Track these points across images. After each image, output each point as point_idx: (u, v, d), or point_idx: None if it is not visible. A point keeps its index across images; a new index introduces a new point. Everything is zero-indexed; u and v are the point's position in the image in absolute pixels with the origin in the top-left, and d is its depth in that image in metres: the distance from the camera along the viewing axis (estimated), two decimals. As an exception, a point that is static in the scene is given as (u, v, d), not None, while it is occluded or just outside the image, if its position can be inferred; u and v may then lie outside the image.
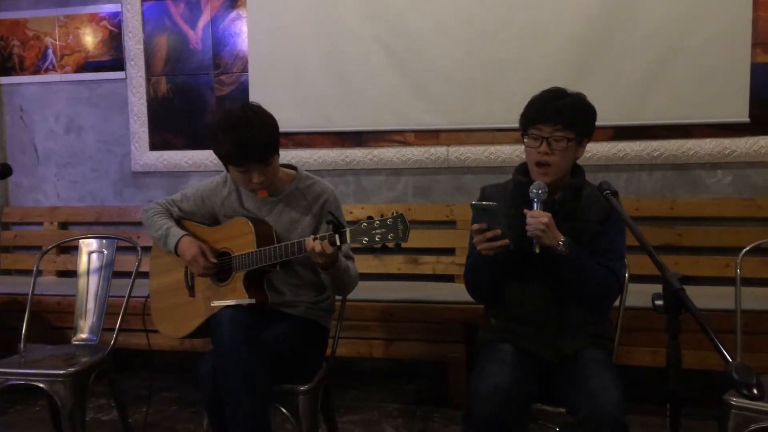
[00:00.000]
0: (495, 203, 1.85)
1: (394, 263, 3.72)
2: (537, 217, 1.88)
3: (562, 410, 1.90)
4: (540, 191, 1.91)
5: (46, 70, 4.17)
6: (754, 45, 3.29)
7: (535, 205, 1.91)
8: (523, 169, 2.09)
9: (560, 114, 1.95)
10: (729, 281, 3.17)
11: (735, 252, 2.35)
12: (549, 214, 1.89)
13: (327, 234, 1.99)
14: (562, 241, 1.89)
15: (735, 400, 1.94)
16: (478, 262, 1.98)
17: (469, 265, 2.09)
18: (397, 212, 1.90)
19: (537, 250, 1.89)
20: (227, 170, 2.23)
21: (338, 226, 1.97)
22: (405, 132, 3.73)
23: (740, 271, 2.26)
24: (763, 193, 3.35)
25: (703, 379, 2.58)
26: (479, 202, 1.87)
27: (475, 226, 1.87)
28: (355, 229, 1.95)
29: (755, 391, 1.19)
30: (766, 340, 2.75)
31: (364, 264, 2.35)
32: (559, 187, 2.02)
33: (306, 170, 2.40)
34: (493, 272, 2.00)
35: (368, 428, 3.05)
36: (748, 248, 2.31)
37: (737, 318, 2.22)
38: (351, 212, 3.64)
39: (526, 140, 2.01)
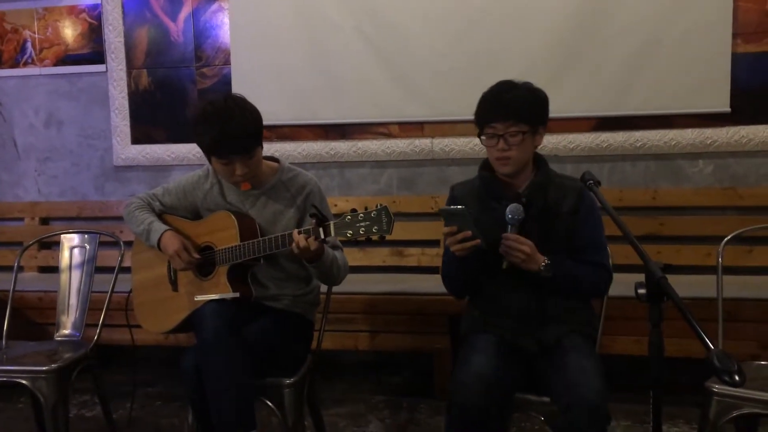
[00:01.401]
0: (462, 207, 1.89)
1: (379, 255, 3.72)
2: (516, 248, 1.90)
3: (546, 399, 1.91)
4: (516, 216, 1.92)
5: (25, 64, 4.12)
6: (735, 35, 3.32)
7: (510, 228, 1.93)
8: (487, 165, 2.13)
9: (511, 109, 1.97)
10: (710, 270, 3.19)
11: (716, 241, 2.37)
12: (530, 243, 1.92)
13: (311, 227, 1.99)
14: (543, 265, 1.93)
15: (717, 387, 1.96)
16: (453, 262, 2.02)
17: (445, 264, 2.14)
18: (381, 205, 1.90)
19: (504, 266, 1.94)
20: (210, 162, 2.21)
21: (322, 219, 1.96)
22: (389, 124, 3.72)
23: (722, 259, 2.29)
24: (744, 182, 3.39)
25: (685, 367, 2.61)
26: (447, 207, 1.92)
27: (446, 229, 1.91)
28: (339, 222, 1.94)
29: (736, 378, 1.20)
30: (747, 327, 2.78)
31: (348, 256, 2.34)
32: (523, 182, 2.05)
33: (289, 163, 2.39)
34: (467, 270, 2.05)
35: (354, 420, 3.06)
36: (729, 237, 2.33)
37: (719, 306, 2.25)
38: (335, 205, 3.63)
39: (483, 139, 2.03)
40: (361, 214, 1.91)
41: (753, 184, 3.38)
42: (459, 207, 1.88)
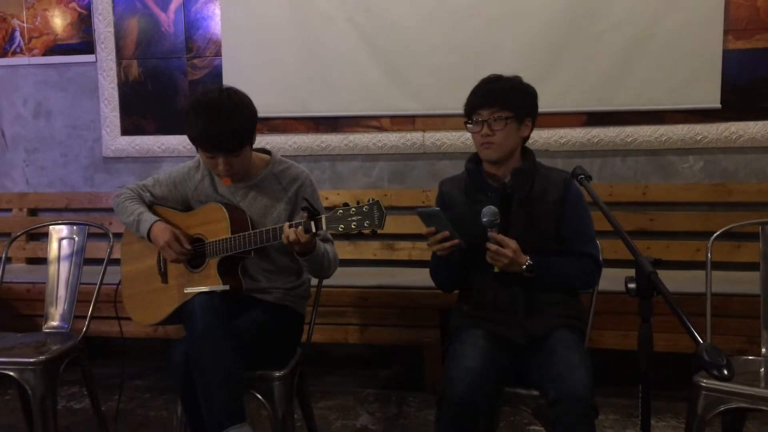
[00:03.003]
0: (437, 208, 1.93)
1: (370, 249, 3.72)
2: (498, 253, 1.92)
3: (535, 393, 1.92)
4: (490, 218, 1.92)
5: (14, 53, 4.07)
6: (726, 31, 3.32)
7: (489, 231, 1.93)
8: (474, 158, 2.15)
9: (495, 96, 2.03)
10: (700, 265, 3.22)
11: (706, 236, 2.38)
12: (513, 246, 1.92)
13: (302, 221, 1.98)
14: (525, 265, 1.95)
15: (705, 382, 1.97)
16: (437, 261, 2.08)
17: (432, 261, 2.16)
18: (373, 199, 1.89)
19: (497, 270, 1.96)
20: (198, 151, 2.19)
21: (314, 213, 1.96)
22: (381, 117, 3.71)
23: (711, 255, 2.30)
24: (734, 178, 3.41)
25: (673, 362, 2.62)
26: (422, 209, 1.93)
27: (425, 231, 1.95)
28: (330, 216, 1.93)
29: (725, 372, 1.21)
30: (736, 322, 2.80)
31: (339, 250, 2.34)
32: (508, 172, 2.07)
33: (281, 155, 2.37)
34: (452, 268, 2.08)
35: (344, 413, 3.06)
36: (718, 233, 2.34)
37: (708, 301, 2.26)
38: (327, 198, 3.63)
39: (469, 127, 2.07)
40: (353, 209, 1.90)
41: (742, 180, 3.39)
42: (434, 208, 1.92)
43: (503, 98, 2.02)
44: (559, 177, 2.07)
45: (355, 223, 1.89)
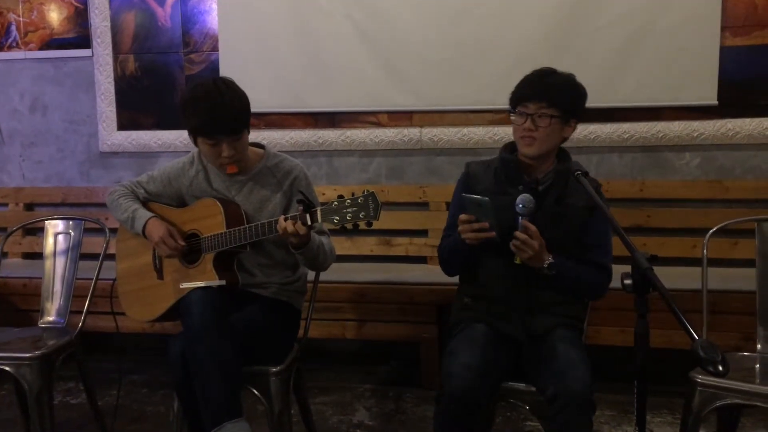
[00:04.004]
0: (487, 198, 1.86)
1: (367, 245, 3.72)
2: (526, 242, 1.88)
3: (533, 389, 1.92)
4: (526, 207, 1.89)
5: (10, 48, 4.06)
6: (724, 28, 3.32)
7: (520, 219, 1.90)
8: (509, 147, 2.12)
9: (545, 92, 1.97)
10: (696, 261, 3.24)
11: (702, 233, 2.38)
12: (541, 241, 1.89)
13: (297, 214, 1.97)
14: (547, 263, 1.92)
15: (700, 378, 1.98)
16: (458, 246, 2.00)
17: (445, 246, 2.12)
18: (368, 191, 1.89)
19: (518, 261, 1.93)
20: (196, 144, 2.19)
21: (309, 205, 1.95)
22: (378, 113, 3.71)
23: (707, 251, 2.30)
24: (730, 175, 3.41)
25: (669, 358, 2.63)
26: (472, 196, 1.88)
27: (463, 217, 1.91)
28: (326, 209, 1.93)
29: (720, 368, 1.21)
30: (731, 319, 2.81)
31: (336, 245, 2.34)
32: (543, 170, 2.05)
33: (277, 150, 2.37)
34: (469, 257, 2.04)
35: (341, 409, 3.06)
36: (714, 229, 2.34)
37: (703, 297, 2.26)
38: (323, 194, 3.62)
39: (512, 117, 2.03)
40: (348, 200, 1.90)
41: (739, 177, 3.40)
42: (483, 198, 1.86)
43: (553, 95, 1.97)
44: (592, 182, 2.00)
45: (350, 214, 1.89)
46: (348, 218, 1.89)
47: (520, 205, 1.89)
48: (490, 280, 2.06)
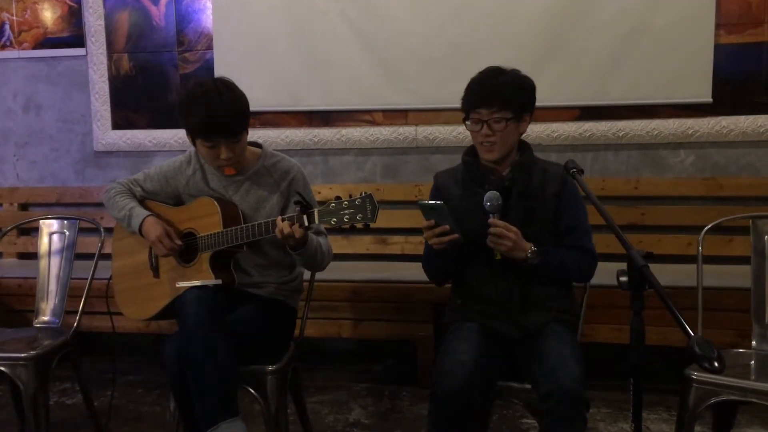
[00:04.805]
0: (441, 202, 1.88)
1: (363, 243, 3.72)
2: (504, 234, 1.89)
3: (528, 386, 1.92)
4: (494, 203, 1.91)
5: (3, 47, 4.04)
6: (718, 26, 3.33)
7: (490, 217, 1.92)
8: (471, 151, 2.13)
9: (495, 95, 1.98)
10: (691, 259, 3.23)
11: (697, 230, 2.39)
12: (516, 231, 1.90)
13: (295, 215, 1.97)
14: (530, 252, 1.92)
15: (696, 375, 1.98)
16: (431, 254, 2.03)
17: (425, 253, 2.14)
18: (365, 192, 1.89)
19: (498, 257, 1.93)
20: (194, 145, 2.18)
21: (306, 206, 1.95)
22: (373, 111, 3.71)
23: (702, 248, 2.31)
24: (724, 172, 3.42)
25: (664, 356, 2.64)
26: (426, 201, 1.90)
27: (424, 223, 1.92)
28: (323, 210, 1.93)
29: (716, 365, 1.21)
30: (726, 316, 2.82)
31: (332, 244, 2.33)
32: (507, 167, 2.06)
33: (273, 149, 2.37)
34: (446, 261, 2.05)
35: (337, 408, 3.06)
36: (709, 226, 2.34)
37: (699, 294, 2.27)
38: (319, 192, 3.62)
39: (468, 124, 2.04)
40: (346, 202, 1.90)
41: (733, 174, 3.41)
42: (437, 202, 1.88)
43: (503, 97, 1.97)
44: (556, 170, 2.05)
45: (347, 216, 1.89)
46: (345, 220, 1.90)
47: (487, 204, 1.91)
48: (478, 281, 2.07)
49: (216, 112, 2.04)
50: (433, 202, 1.89)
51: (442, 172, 2.22)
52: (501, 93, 1.98)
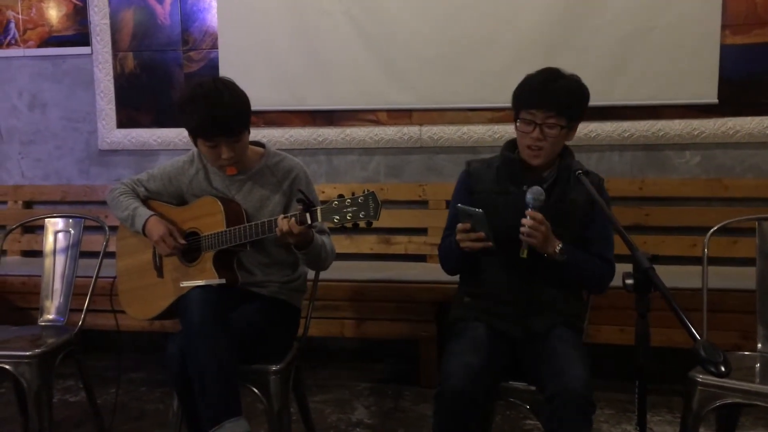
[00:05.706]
0: (480, 210, 1.85)
1: (366, 243, 3.72)
2: (535, 227, 1.85)
3: (532, 388, 1.92)
4: (537, 199, 1.87)
5: (8, 45, 4.05)
6: (724, 26, 3.32)
7: (528, 209, 1.88)
8: (511, 145, 2.09)
9: (554, 100, 1.91)
10: (696, 260, 3.23)
11: (702, 232, 2.38)
12: (548, 224, 1.87)
13: (297, 213, 1.97)
14: (559, 248, 1.90)
15: (701, 377, 1.97)
16: (456, 250, 1.98)
17: (445, 247, 2.10)
18: (368, 190, 1.89)
19: (524, 255, 1.89)
20: (195, 145, 2.18)
21: (309, 205, 1.95)
22: (377, 111, 3.70)
23: (707, 250, 2.30)
24: (730, 173, 3.41)
25: (668, 357, 2.63)
26: (466, 207, 1.88)
27: (460, 226, 1.90)
28: (326, 208, 1.93)
29: (722, 369, 1.21)
30: (731, 318, 2.81)
31: (336, 244, 2.33)
32: (545, 169, 2.03)
33: (276, 149, 2.37)
34: (468, 259, 2.02)
35: (340, 407, 3.06)
36: (714, 228, 2.34)
37: (704, 296, 2.26)
38: (323, 192, 3.62)
39: (518, 123, 1.97)
40: (348, 200, 1.90)
41: (739, 176, 3.40)
42: (477, 210, 1.85)
43: (561, 104, 1.90)
44: (594, 179, 1.97)
45: (350, 214, 1.89)
46: (348, 218, 1.89)
47: (530, 197, 1.88)
48: (491, 279, 2.05)
49: (216, 111, 2.03)
50: (473, 209, 1.86)
51: (476, 160, 2.17)
52: (560, 98, 1.91)
